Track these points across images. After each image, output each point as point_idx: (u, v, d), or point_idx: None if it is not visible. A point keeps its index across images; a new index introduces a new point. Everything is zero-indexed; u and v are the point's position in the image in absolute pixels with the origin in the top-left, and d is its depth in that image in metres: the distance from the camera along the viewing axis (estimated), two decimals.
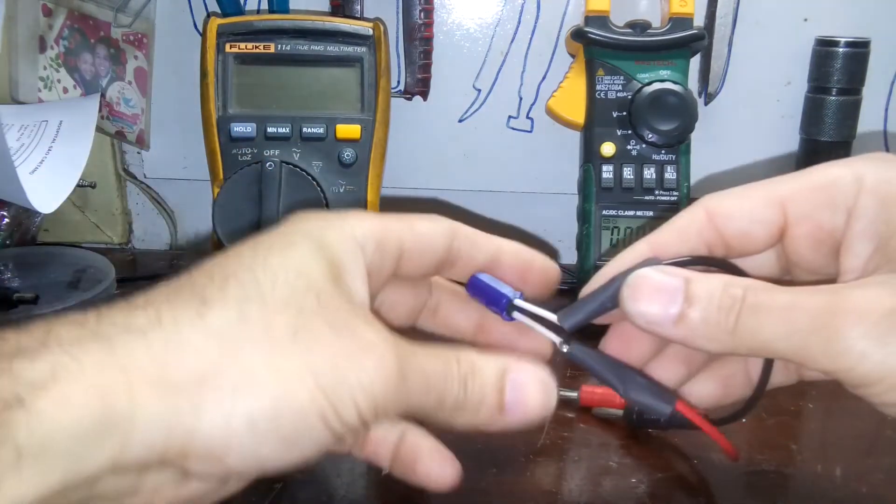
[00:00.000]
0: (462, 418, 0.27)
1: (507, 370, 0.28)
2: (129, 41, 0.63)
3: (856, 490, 0.37)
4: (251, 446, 0.23)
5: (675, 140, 0.54)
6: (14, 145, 0.59)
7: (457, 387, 0.27)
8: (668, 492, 0.37)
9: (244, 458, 0.23)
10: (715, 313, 0.26)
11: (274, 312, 0.24)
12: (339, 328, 0.25)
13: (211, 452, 0.23)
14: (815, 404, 0.46)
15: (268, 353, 0.24)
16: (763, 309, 0.26)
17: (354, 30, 0.55)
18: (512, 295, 0.31)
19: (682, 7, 0.55)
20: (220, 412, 0.23)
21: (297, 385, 0.24)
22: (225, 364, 0.23)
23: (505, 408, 0.28)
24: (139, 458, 0.22)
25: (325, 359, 0.24)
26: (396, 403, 0.25)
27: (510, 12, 0.62)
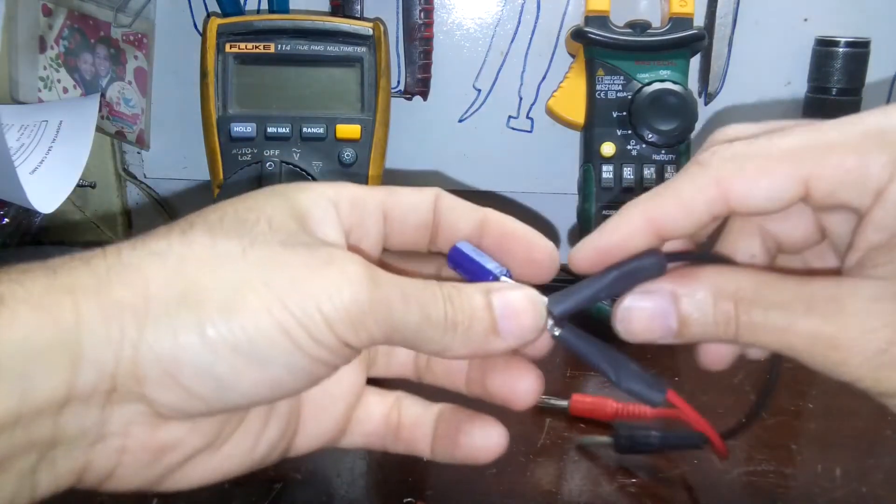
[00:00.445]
0: (455, 343, 0.26)
1: (490, 289, 0.26)
2: (129, 41, 0.63)
3: (856, 490, 0.37)
4: (205, 362, 0.22)
5: (675, 140, 0.54)
6: (14, 145, 0.59)
7: (442, 302, 0.25)
8: (669, 492, 0.37)
9: (201, 376, 0.23)
10: (713, 329, 0.26)
11: (222, 237, 0.24)
12: (294, 246, 0.24)
13: (164, 371, 0.22)
14: (815, 404, 0.46)
15: (214, 268, 0.23)
16: (758, 329, 0.25)
17: (354, 30, 0.55)
18: (497, 272, 0.28)
19: (682, 7, 0.55)
20: (167, 326, 0.22)
21: (248, 295, 0.23)
22: (168, 280, 0.23)
23: (498, 326, 0.26)
24: (93, 382, 0.22)
25: (281, 272, 0.23)
26: (374, 316, 0.24)
27: (510, 12, 0.62)
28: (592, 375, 0.49)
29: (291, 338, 0.23)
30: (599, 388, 0.47)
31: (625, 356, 0.29)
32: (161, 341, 0.22)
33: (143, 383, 0.22)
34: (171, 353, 0.22)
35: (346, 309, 0.23)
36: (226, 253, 0.24)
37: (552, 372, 0.49)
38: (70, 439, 0.22)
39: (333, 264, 0.24)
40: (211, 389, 0.23)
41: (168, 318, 0.22)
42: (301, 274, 0.23)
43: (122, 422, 0.23)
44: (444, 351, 0.26)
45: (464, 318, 0.25)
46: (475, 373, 0.30)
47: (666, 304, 0.26)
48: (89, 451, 0.23)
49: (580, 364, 0.50)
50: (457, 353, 0.26)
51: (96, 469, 0.24)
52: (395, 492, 0.36)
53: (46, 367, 0.21)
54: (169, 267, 0.23)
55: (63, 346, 0.21)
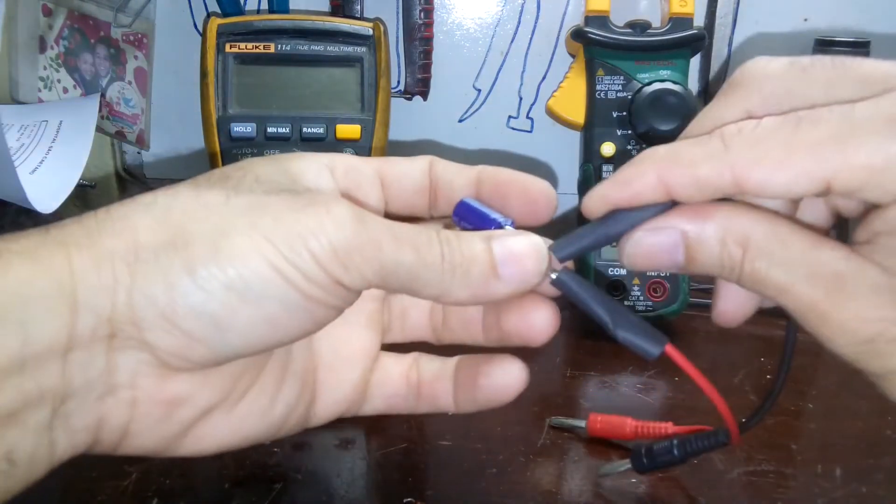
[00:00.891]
0: (455, 287, 0.25)
1: (491, 236, 0.26)
2: (129, 41, 0.63)
3: (856, 490, 0.37)
4: (198, 301, 0.23)
5: (674, 140, 0.54)
6: (14, 145, 0.59)
7: (438, 245, 0.25)
8: (668, 492, 0.37)
9: (196, 316, 0.23)
10: (718, 269, 0.25)
11: (206, 189, 0.25)
12: (279, 193, 0.25)
13: (160, 314, 0.23)
14: (815, 404, 0.46)
15: (199, 215, 0.24)
16: (760, 280, 0.25)
17: (354, 30, 0.55)
18: (501, 221, 0.28)
19: (682, 7, 0.55)
20: (158, 270, 0.23)
21: (235, 236, 0.23)
22: (156, 228, 0.23)
23: (498, 270, 0.26)
24: (91, 327, 0.22)
25: (265, 214, 0.24)
26: (362, 255, 0.24)
27: (510, 12, 0.62)
28: (593, 375, 0.49)
29: (282, 275, 0.23)
30: (600, 389, 0.47)
31: (624, 307, 0.28)
32: (153, 284, 0.23)
33: (142, 327, 0.23)
34: (163, 294, 0.23)
35: (331, 245, 0.23)
36: (210, 202, 0.24)
37: (552, 372, 0.49)
38: (80, 390, 0.23)
39: (318, 204, 0.24)
40: (209, 330, 0.23)
41: (158, 262, 0.23)
42: (285, 215, 0.24)
43: (129, 372, 0.23)
44: (443, 295, 0.26)
45: (462, 260, 0.25)
46: (490, 317, 0.30)
47: (674, 240, 0.25)
48: (101, 404, 0.23)
49: (580, 364, 0.50)
50: (457, 297, 0.26)
51: (111, 425, 0.24)
52: (395, 492, 0.36)
53: (44, 313, 0.21)
54: (156, 216, 0.24)
55: (59, 293, 0.22)
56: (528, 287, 0.27)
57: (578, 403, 0.46)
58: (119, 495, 0.35)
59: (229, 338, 0.24)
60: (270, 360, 0.28)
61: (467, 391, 0.30)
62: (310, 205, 0.24)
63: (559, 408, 0.44)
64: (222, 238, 0.23)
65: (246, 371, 0.27)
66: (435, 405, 0.31)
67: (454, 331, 0.32)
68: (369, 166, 0.29)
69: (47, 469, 0.23)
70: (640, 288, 0.54)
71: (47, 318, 0.22)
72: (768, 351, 0.51)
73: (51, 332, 0.22)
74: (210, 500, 0.36)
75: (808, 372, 0.50)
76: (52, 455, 0.23)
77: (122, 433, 0.24)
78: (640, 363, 0.50)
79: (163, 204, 0.24)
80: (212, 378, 0.25)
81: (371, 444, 0.41)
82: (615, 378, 0.48)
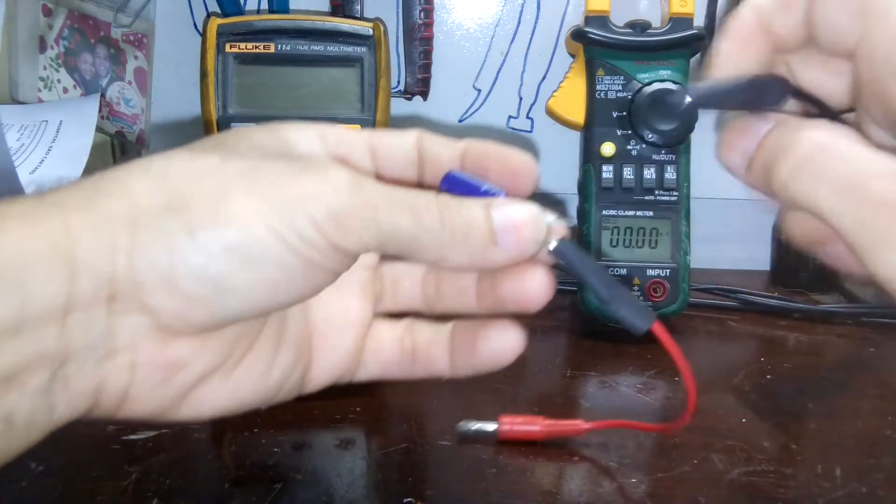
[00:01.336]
0: (453, 252, 0.25)
1: (489, 203, 0.26)
2: (129, 41, 0.63)
3: (856, 490, 0.37)
4: (199, 263, 0.23)
5: (675, 140, 0.54)
6: (14, 145, 0.59)
7: (437, 209, 0.25)
8: (668, 492, 0.37)
9: (197, 278, 0.23)
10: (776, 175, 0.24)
11: (201, 153, 0.25)
12: (274, 157, 0.25)
13: (160, 276, 0.23)
14: (815, 404, 0.46)
15: (196, 178, 0.24)
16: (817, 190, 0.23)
17: (354, 30, 0.55)
18: (495, 191, 0.27)
19: (682, 7, 0.55)
20: (157, 232, 0.23)
21: (233, 199, 0.23)
22: (153, 191, 0.23)
23: (497, 237, 0.26)
24: (91, 289, 0.22)
25: (262, 177, 0.24)
26: (360, 218, 0.24)
27: (510, 12, 0.62)
28: (593, 375, 0.49)
29: (281, 238, 0.23)
30: (600, 389, 0.47)
31: (620, 282, 0.28)
32: (153, 247, 0.23)
33: (142, 290, 0.23)
34: (164, 257, 0.23)
35: (329, 210, 0.23)
36: (207, 165, 0.24)
37: (552, 372, 0.49)
38: (79, 353, 0.23)
39: (315, 169, 0.24)
40: (209, 293, 0.23)
41: (157, 224, 0.23)
42: (283, 179, 0.24)
43: (129, 335, 0.23)
44: (441, 259, 0.26)
45: (461, 225, 0.25)
46: (485, 284, 0.30)
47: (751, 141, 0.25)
48: (100, 367, 0.23)
49: (580, 364, 0.50)
50: (455, 262, 0.26)
51: (110, 389, 0.24)
52: (395, 492, 0.36)
53: (42, 275, 0.21)
54: (153, 179, 0.24)
55: (56, 255, 0.22)
56: (526, 255, 0.27)
57: (578, 403, 0.46)
58: (119, 495, 0.35)
59: (229, 301, 0.24)
60: (266, 326, 0.28)
61: (465, 355, 0.30)
62: (307, 169, 0.24)
63: (559, 407, 0.44)
64: (221, 201, 0.23)
65: (243, 336, 0.27)
66: (430, 369, 0.31)
67: (447, 299, 0.32)
68: (359, 137, 0.29)
69: (46, 432, 0.23)
70: (639, 288, 0.54)
71: (45, 281, 0.21)
72: (768, 351, 0.51)
73: (49, 295, 0.21)
74: (210, 500, 0.36)
75: (808, 372, 0.50)
76: (50, 418, 0.23)
77: (121, 397, 0.24)
78: (640, 363, 0.50)
79: (159, 167, 0.24)
80: (210, 343, 0.25)
81: (371, 444, 0.41)
82: (615, 378, 0.48)
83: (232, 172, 0.24)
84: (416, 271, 0.32)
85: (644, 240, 0.55)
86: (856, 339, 0.55)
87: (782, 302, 0.59)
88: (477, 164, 0.29)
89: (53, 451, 0.38)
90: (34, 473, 0.36)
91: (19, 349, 0.21)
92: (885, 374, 0.49)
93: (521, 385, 0.46)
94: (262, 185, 0.23)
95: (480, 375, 0.45)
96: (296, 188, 0.24)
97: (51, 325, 0.22)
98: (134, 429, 0.40)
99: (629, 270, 0.54)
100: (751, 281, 0.64)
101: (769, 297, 0.60)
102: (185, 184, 0.23)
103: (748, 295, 0.61)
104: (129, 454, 0.38)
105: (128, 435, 0.40)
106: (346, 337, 0.31)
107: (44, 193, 0.23)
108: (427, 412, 0.44)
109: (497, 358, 0.30)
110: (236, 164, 0.24)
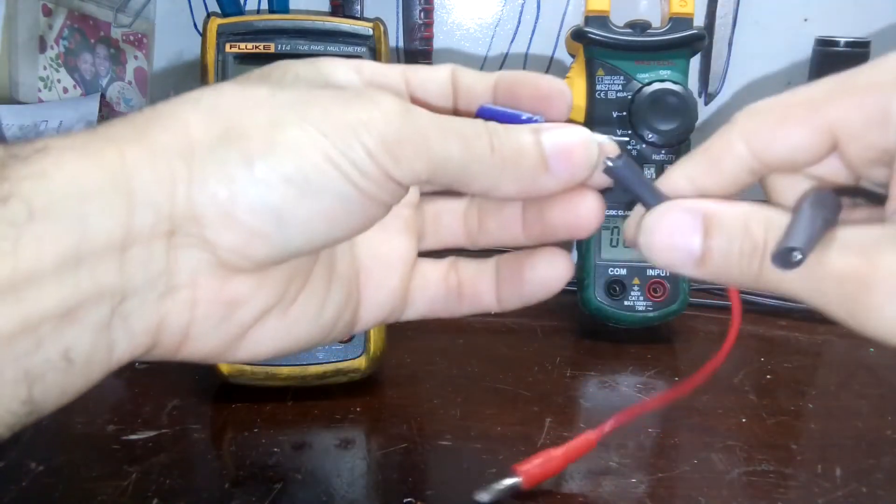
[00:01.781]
0: (504, 180, 0.25)
1: (538, 129, 0.26)
2: (129, 41, 0.63)
3: (856, 490, 0.37)
4: (259, 193, 0.22)
5: (675, 140, 0.54)
6: None
7: (487, 136, 0.25)
8: (668, 492, 0.37)
9: (257, 210, 0.23)
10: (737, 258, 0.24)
11: (250, 86, 0.25)
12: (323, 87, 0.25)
13: (220, 209, 0.22)
14: (815, 404, 0.46)
15: (248, 109, 0.23)
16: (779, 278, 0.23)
17: (354, 30, 0.55)
18: (535, 118, 0.27)
19: (682, 7, 0.55)
20: (215, 164, 0.22)
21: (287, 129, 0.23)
22: (207, 123, 0.23)
23: (548, 163, 0.26)
24: (150, 223, 0.22)
25: (314, 107, 0.24)
26: (412, 147, 0.24)
27: (510, 12, 0.62)
28: (593, 375, 0.49)
29: (338, 167, 0.23)
30: (600, 389, 0.47)
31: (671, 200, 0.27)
32: (212, 179, 0.22)
33: (202, 224, 0.22)
34: (223, 189, 0.22)
35: (381, 138, 0.23)
36: (257, 96, 0.24)
37: (552, 372, 0.49)
38: (139, 289, 0.22)
39: (365, 98, 0.24)
40: (270, 225, 0.23)
41: (214, 156, 0.22)
42: (334, 107, 0.24)
43: (189, 272, 0.23)
44: (492, 189, 0.26)
45: (511, 152, 0.25)
46: (532, 213, 0.30)
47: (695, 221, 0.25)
48: (161, 304, 0.23)
49: (580, 364, 0.50)
50: (506, 191, 0.26)
51: (171, 327, 0.24)
52: (395, 492, 0.36)
53: (100, 208, 0.21)
54: (205, 111, 0.23)
55: (114, 188, 0.21)
56: (578, 180, 0.27)
57: (578, 403, 0.46)
58: (119, 495, 0.35)
59: (289, 233, 0.23)
60: (317, 265, 0.28)
61: (512, 287, 0.30)
62: (356, 98, 0.24)
63: (559, 407, 0.44)
64: (276, 130, 0.23)
65: (297, 274, 0.27)
66: (477, 305, 0.31)
67: (490, 232, 0.31)
68: (394, 70, 0.29)
69: (106, 371, 0.23)
70: (639, 288, 0.54)
71: (104, 214, 0.21)
72: (768, 351, 0.51)
73: (108, 229, 0.21)
74: (210, 500, 0.36)
75: (808, 372, 0.50)
76: (110, 356, 0.22)
77: (182, 336, 0.24)
78: (640, 363, 0.50)
79: (209, 100, 0.24)
80: (267, 280, 0.25)
81: (371, 444, 0.41)
82: (615, 378, 0.48)
83: (284, 102, 0.24)
84: (457, 206, 0.32)
85: None
86: (856, 339, 0.55)
87: (782, 302, 0.59)
88: (509, 92, 0.28)
89: (53, 451, 0.38)
90: (34, 473, 0.36)
91: (78, 284, 0.21)
92: (885, 374, 0.49)
93: (521, 385, 0.46)
94: (314, 114, 0.23)
95: (480, 375, 0.45)
96: (348, 116, 0.23)
97: (110, 259, 0.21)
98: (134, 429, 0.40)
99: (629, 270, 0.54)
100: None
101: (769, 297, 0.60)
102: (238, 115, 0.23)
103: (748, 295, 0.61)
104: (129, 454, 0.38)
105: (128, 435, 0.40)
106: (392, 275, 0.30)
107: (96, 129, 0.23)
108: (427, 412, 0.44)
109: (547, 286, 0.30)
110: (287, 95, 0.24)
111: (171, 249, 0.23)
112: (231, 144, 0.23)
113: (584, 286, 0.54)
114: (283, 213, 0.23)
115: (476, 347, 0.52)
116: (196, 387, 0.45)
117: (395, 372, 0.48)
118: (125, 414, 0.42)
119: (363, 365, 0.44)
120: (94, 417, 0.42)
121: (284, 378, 0.44)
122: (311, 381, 0.44)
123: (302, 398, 0.44)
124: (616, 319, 0.54)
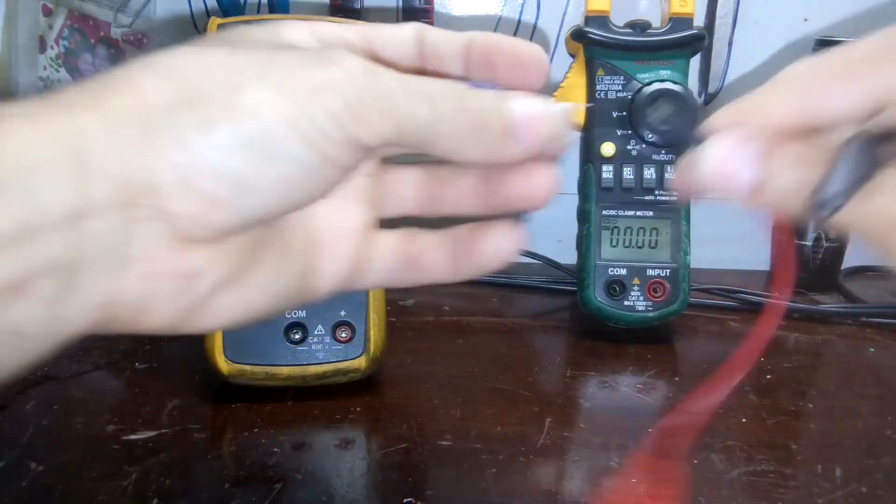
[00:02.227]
0: (469, 143, 0.25)
1: (506, 95, 0.26)
2: (129, 41, 0.63)
3: (856, 490, 0.37)
4: (218, 159, 0.22)
5: (675, 140, 0.54)
6: None
7: (453, 97, 0.25)
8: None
9: (217, 177, 0.22)
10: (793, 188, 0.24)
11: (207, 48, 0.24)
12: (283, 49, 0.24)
13: (179, 177, 0.22)
14: (815, 404, 0.46)
15: (206, 73, 0.23)
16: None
17: None
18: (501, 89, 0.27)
19: (682, 7, 0.55)
20: (173, 130, 0.22)
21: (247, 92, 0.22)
22: (163, 88, 0.22)
23: (514, 129, 0.25)
24: (104, 194, 0.21)
25: (274, 69, 0.23)
26: (377, 108, 0.23)
27: (510, 12, 0.62)
28: (593, 375, 0.49)
29: (299, 131, 0.23)
30: (600, 389, 0.47)
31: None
32: (169, 145, 0.22)
33: (160, 194, 0.22)
34: (181, 156, 0.22)
35: (345, 99, 0.23)
36: (214, 58, 0.23)
37: (552, 372, 0.49)
38: (91, 262, 0.22)
39: (328, 58, 0.24)
40: (229, 192, 0.22)
41: (172, 122, 0.22)
42: (296, 69, 0.23)
43: (144, 244, 0.23)
44: (456, 152, 0.25)
45: (478, 113, 0.25)
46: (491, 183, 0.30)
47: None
48: (115, 277, 0.22)
49: (580, 364, 0.50)
50: (470, 154, 0.25)
51: (126, 301, 0.23)
52: (395, 492, 0.36)
53: (51, 178, 0.20)
54: (161, 75, 0.23)
55: (66, 157, 0.20)
56: (540, 148, 0.26)
57: (578, 403, 0.46)
58: (119, 495, 0.35)
59: (250, 200, 0.23)
60: (272, 234, 0.28)
61: (466, 257, 0.30)
62: (319, 59, 0.24)
63: (559, 407, 0.44)
64: (235, 93, 0.22)
65: (253, 244, 0.26)
66: (431, 275, 0.31)
67: (447, 202, 0.31)
68: (352, 30, 0.28)
69: (60, 343, 0.22)
70: (639, 288, 0.54)
71: (55, 184, 0.20)
72: (768, 351, 0.51)
73: (59, 200, 0.20)
74: (210, 500, 0.36)
75: (808, 372, 0.50)
76: (62, 329, 0.22)
77: (138, 309, 0.24)
78: (640, 363, 0.50)
79: (167, 63, 0.23)
80: (224, 250, 0.25)
81: (371, 444, 0.41)
82: (615, 378, 0.48)
83: (243, 64, 0.23)
84: (415, 176, 0.32)
85: (644, 240, 0.55)
86: (856, 339, 0.55)
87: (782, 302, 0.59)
88: (483, 58, 0.28)
89: (53, 451, 0.38)
90: (34, 473, 0.36)
91: (26, 257, 0.20)
92: (885, 374, 0.49)
93: (521, 385, 0.46)
94: (275, 76, 0.23)
95: (480, 375, 0.45)
96: (310, 78, 0.23)
97: (60, 232, 0.20)
98: (134, 429, 0.40)
99: (629, 270, 0.54)
100: (751, 281, 0.64)
101: (769, 297, 0.60)
102: (195, 78, 0.23)
103: (748, 295, 0.61)
104: (129, 454, 0.38)
105: (128, 435, 0.40)
106: (346, 244, 0.30)
107: (50, 96, 0.22)
108: (427, 412, 0.44)
109: (499, 256, 0.29)
110: (247, 56, 0.24)
111: (126, 220, 0.22)
112: (188, 109, 0.22)
113: (584, 286, 0.54)
114: (243, 179, 0.22)
115: (476, 347, 0.52)
116: (196, 387, 0.45)
117: (395, 372, 0.48)
118: (125, 414, 0.42)
119: (363, 365, 0.44)
120: (94, 417, 0.42)
121: (284, 378, 0.44)
122: (310, 381, 0.44)
123: (302, 398, 0.44)
124: (616, 319, 0.54)
